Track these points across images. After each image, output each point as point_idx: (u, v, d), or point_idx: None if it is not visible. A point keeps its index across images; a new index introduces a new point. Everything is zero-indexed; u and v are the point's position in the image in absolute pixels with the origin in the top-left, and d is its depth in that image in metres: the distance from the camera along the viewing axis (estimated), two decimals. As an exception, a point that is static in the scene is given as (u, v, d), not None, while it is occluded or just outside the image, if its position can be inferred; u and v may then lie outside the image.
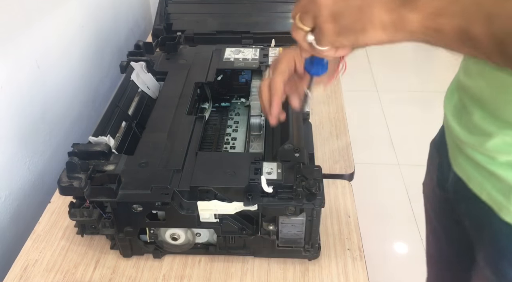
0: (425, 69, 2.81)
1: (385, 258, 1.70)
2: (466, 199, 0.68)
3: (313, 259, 0.73)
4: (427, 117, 2.39)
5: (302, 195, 0.64)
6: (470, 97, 0.64)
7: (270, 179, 0.65)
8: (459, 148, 0.68)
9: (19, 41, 0.92)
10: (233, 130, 0.90)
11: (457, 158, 0.69)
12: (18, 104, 0.92)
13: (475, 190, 0.65)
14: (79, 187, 0.65)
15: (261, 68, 0.92)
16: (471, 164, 0.65)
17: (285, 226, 0.69)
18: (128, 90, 0.88)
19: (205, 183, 0.66)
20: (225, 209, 0.66)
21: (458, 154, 0.68)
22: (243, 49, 0.98)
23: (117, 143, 0.78)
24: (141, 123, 0.85)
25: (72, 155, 0.69)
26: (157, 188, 0.66)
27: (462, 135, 0.65)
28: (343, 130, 1.02)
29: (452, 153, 0.71)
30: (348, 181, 0.89)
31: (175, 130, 0.78)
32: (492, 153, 0.60)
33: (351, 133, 1.02)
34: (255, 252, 0.74)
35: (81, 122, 1.18)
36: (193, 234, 0.73)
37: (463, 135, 0.65)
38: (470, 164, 0.65)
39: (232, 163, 0.69)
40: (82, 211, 0.69)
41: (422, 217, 0.97)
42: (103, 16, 1.33)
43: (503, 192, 0.60)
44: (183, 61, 0.97)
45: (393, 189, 1.98)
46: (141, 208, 0.67)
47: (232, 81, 0.96)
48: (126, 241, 0.73)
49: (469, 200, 0.67)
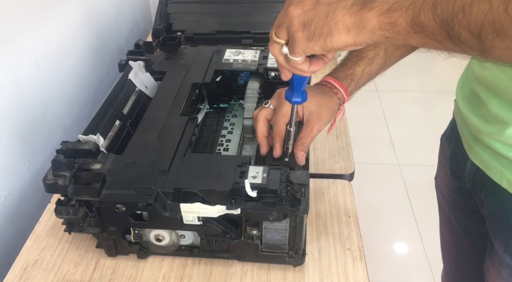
0: (425, 69, 2.81)
1: (385, 258, 1.70)
2: (484, 188, 0.71)
3: (298, 266, 0.73)
4: (427, 117, 2.39)
5: (286, 201, 0.64)
6: (486, 87, 0.66)
7: (254, 183, 0.64)
8: (475, 137, 0.69)
9: (19, 41, 0.92)
10: (228, 132, 0.90)
11: (473, 148, 0.71)
12: (18, 104, 0.92)
13: (494, 178, 0.67)
14: (63, 185, 0.65)
15: (259, 70, 0.91)
16: (489, 153, 0.67)
17: (268, 231, 0.68)
18: (125, 89, 0.88)
19: (189, 185, 0.66)
20: (208, 212, 0.65)
21: (474, 144, 0.70)
22: (243, 50, 0.98)
23: (108, 142, 0.78)
24: (136, 122, 0.85)
25: (59, 152, 0.69)
26: (141, 188, 0.66)
27: (478, 124, 0.68)
28: (343, 130, 1.02)
29: (467, 143, 0.73)
30: (348, 181, 0.89)
31: (166, 131, 0.77)
32: (511, 140, 0.62)
33: (351, 133, 1.02)
34: (239, 256, 0.73)
35: (81, 122, 1.18)
36: (178, 235, 0.72)
37: (479, 125, 0.67)
38: (488, 152, 0.67)
39: (219, 166, 0.69)
40: (68, 209, 0.69)
41: (422, 217, 0.97)
42: (104, 16, 1.33)
43: None
44: (183, 62, 0.97)
45: (393, 189, 1.98)
46: (124, 208, 0.67)
47: (230, 83, 0.96)
48: (111, 240, 0.73)
49: (488, 189, 0.70)
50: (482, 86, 0.67)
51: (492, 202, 0.71)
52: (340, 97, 0.76)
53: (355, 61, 0.77)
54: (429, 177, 2.00)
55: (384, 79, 0.85)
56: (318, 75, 1.21)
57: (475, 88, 0.70)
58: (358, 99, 0.85)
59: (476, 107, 0.69)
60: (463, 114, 0.73)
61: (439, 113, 2.42)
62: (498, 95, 0.64)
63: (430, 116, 2.38)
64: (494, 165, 0.67)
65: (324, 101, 0.74)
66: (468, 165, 0.74)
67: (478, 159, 0.70)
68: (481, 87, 0.67)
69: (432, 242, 1.70)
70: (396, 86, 2.61)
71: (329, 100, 0.74)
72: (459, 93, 0.76)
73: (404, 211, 1.86)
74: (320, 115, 0.72)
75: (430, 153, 2.06)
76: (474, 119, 0.69)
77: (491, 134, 0.65)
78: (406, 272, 1.65)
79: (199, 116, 0.91)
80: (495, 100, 0.64)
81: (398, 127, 2.32)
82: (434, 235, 1.04)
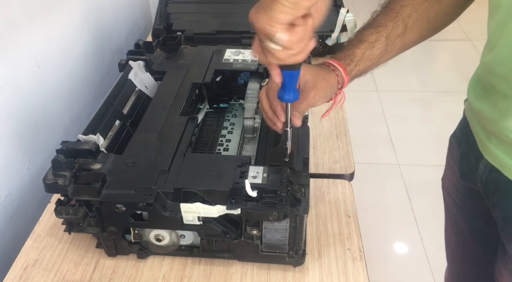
0: (425, 69, 2.81)
1: (385, 258, 1.70)
2: (497, 191, 0.70)
3: (298, 266, 0.73)
4: (427, 117, 2.39)
5: (286, 201, 0.64)
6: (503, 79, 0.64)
7: (254, 183, 0.64)
8: (489, 135, 0.68)
9: (19, 41, 0.92)
10: (228, 132, 0.90)
11: (487, 146, 0.69)
12: (18, 104, 0.92)
13: (508, 175, 0.66)
14: (63, 185, 0.65)
15: (260, 70, 0.91)
16: (503, 149, 0.66)
17: (268, 231, 0.68)
18: (125, 89, 0.88)
19: (190, 185, 0.66)
20: (208, 212, 0.66)
21: (488, 142, 0.69)
22: (244, 50, 0.98)
23: (108, 142, 0.78)
24: (136, 122, 0.85)
25: (59, 152, 0.69)
26: (141, 188, 0.66)
27: (495, 118, 0.66)
28: (343, 130, 1.02)
29: (481, 143, 0.72)
30: (348, 181, 0.89)
31: (166, 131, 0.77)
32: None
33: (351, 133, 1.02)
34: (239, 256, 0.73)
35: (81, 122, 1.18)
36: (178, 235, 0.72)
37: (497, 119, 0.66)
38: (502, 149, 0.67)
39: (219, 166, 0.69)
40: (68, 209, 0.69)
41: (422, 217, 0.97)
42: (103, 16, 1.33)
43: None
44: (183, 61, 0.97)
45: (393, 189, 1.98)
46: (124, 208, 0.67)
47: (230, 83, 0.96)
48: (110, 240, 0.73)
49: (502, 191, 0.69)
50: (503, 80, 0.65)
51: (505, 205, 0.70)
52: (338, 75, 0.73)
53: (355, 44, 0.76)
54: (429, 177, 2.01)
55: (384, 79, 0.85)
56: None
57: (493, 82, 0.68)
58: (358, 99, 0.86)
59: (495, 102, 0.67)
60: (477, 112, 0.72)
61: (439, 113, 2.43)
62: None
63: (430, 116, 2.38)
64: (508, 162, 0.66)
65: (321, 74, 0.72)
66: (481, 167, 0.73)
67: (493, 157, 0.69)
68: (501, 81, 0.65)
69: (432, 242, 1.70)
70: (396, 86, 2.61)
71: (326, 74, 0.73)
72: (471, 92, 0.75)
73: (404, 211, 1.86)
74: (316, 84, 0.70)
75: (430, 153, 2.07)
76: (490, 113, 0.68)
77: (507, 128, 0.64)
78: (406, 272, 1.65)
79: (199, 116, 0.91)
80: None
81: (398, 127, 2.32)
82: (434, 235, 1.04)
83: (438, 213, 1.01)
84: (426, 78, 2.72)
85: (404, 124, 2.34)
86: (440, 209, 0.98)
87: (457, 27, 3.13)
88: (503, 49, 0.64)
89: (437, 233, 1.03)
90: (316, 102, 0.71)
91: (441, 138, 1.17)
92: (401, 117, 2.39)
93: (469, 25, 3.10)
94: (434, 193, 0.98)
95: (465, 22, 3.45)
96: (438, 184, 0.95)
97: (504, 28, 0.62)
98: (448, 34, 3.60)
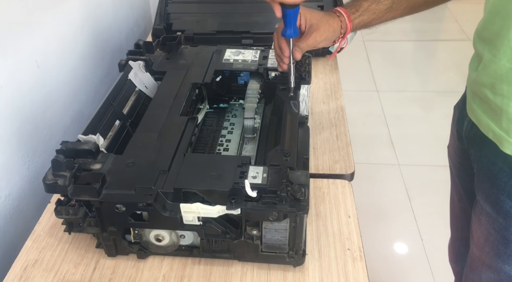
0: (425, 69, 2.81)
1: (385, 258, 1.70)
2: (475, 144, 0.77)
3: (298, 266, 0.73)
4: (427, 117, 2.39)
5: (286, 201, 0.64)
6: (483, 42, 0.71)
7: (254, 183, 0.64)
8: (475, 94, 0.74)
9: (19, 41, 0.92)
10: (228, 132, 0.90)
11: (471, 105, 0.76)
12: (18, 104, 0.92)
13: (483, 130, 0.72)
14: (63, 185, 0.65)
15: (260, 70, 0.91)
16: (482, 106, 0.72)
17: (268, 231, 0.68)
18: (125, 89, 0.88)
19: (189, 185, 0.66)
20: (208, 212, 0.66)
21: (472, 102, 0.76)
22: (244, 50, 0.98)
23: (108, 142, 0.78)
24: (136, 122, 0.85)
25: (59, 152, 0.69)
26: (141, 188, 0.66)
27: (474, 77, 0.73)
28: (343, 130, 1.02)
29: (469, 102, 0.77)
30: (348, 181, 0.89)
31: (166, 131, 0.77)
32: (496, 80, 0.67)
33: (351, 133, 1.02)
34: (239, 256, 0.73)
35: (81, 122, 1.18)
36: (178, 236, 0.72)
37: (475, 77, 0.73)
38: (481, 106, 0.73)
39: (219, 166, 0.69)
40: (68, 209, 0.69)
41: (422, 217, 0.98)
42: (103, 16, 1.33)
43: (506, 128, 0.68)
44: (183, 61, 0.97)
45: (393, 189, 1.98)
46: (124, 208, 0.67)
47: (230, 83, 0.96)
48: (110, 240, 0.73)
49: (478, 145, 0.76)
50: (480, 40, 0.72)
51: (479, 157, 0.76)
52: (342, 21, 0.80)
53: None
54: (429, 177, 2.01)
55: (384, 79, 0.85)
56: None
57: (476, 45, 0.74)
58: (358, 99, 0.86)
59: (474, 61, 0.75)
60: (468, 76, 0.77)
61: (439, 114, 2.43)
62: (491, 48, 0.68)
63: (430, 116, 2.38)
64: (484, 119, 0.72)
65: (325, 18, 0.80)
66: (465, 124, 0.80)
67: (474, 114, 0.75)
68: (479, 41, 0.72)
69: (432, 242, 1.70)
70: (396, 86, 2.61)
71: (329, 18, 0.80)
72: (471, 63, 0.80)
73: (404, 211, 1.85)
74: (319, 27, 0.78)
75: (430, 153, 2.07)
76: (473, 73, 0.74)
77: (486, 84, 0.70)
78: (406, 272, 1.65)
79: (199, 116, 0.91)
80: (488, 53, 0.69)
81: (398, 127, 2.32)
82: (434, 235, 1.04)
83: (438, 212, 1.01)
84: (426, 78, 2.72)
85: (404, 125, 2.34)
86: (440, 209, 0.98)
87: (457, 27, 3.13)
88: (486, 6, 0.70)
89: (437, 233, 1.03)
90: (317, 43, 0.79)
91: (441, 139, 1.18)
92: (401, 118, 2.38)
93: (469, 25, 3.10)
94: (434, 193, 0.98)
95: (465, 22, 3.44)
96: (438, 184, 0.95)
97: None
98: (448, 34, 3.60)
